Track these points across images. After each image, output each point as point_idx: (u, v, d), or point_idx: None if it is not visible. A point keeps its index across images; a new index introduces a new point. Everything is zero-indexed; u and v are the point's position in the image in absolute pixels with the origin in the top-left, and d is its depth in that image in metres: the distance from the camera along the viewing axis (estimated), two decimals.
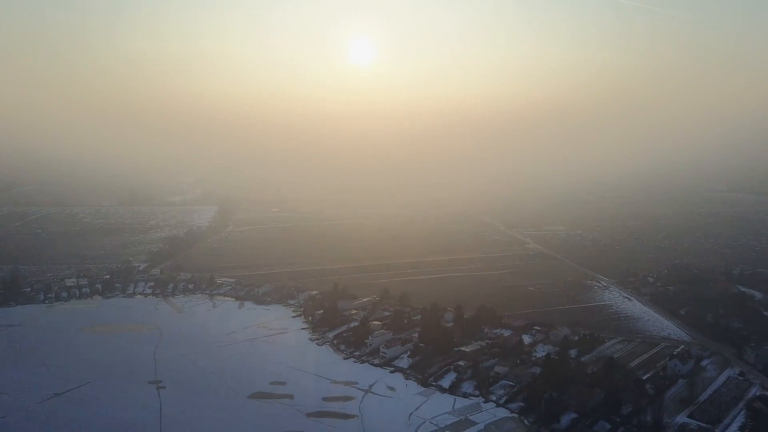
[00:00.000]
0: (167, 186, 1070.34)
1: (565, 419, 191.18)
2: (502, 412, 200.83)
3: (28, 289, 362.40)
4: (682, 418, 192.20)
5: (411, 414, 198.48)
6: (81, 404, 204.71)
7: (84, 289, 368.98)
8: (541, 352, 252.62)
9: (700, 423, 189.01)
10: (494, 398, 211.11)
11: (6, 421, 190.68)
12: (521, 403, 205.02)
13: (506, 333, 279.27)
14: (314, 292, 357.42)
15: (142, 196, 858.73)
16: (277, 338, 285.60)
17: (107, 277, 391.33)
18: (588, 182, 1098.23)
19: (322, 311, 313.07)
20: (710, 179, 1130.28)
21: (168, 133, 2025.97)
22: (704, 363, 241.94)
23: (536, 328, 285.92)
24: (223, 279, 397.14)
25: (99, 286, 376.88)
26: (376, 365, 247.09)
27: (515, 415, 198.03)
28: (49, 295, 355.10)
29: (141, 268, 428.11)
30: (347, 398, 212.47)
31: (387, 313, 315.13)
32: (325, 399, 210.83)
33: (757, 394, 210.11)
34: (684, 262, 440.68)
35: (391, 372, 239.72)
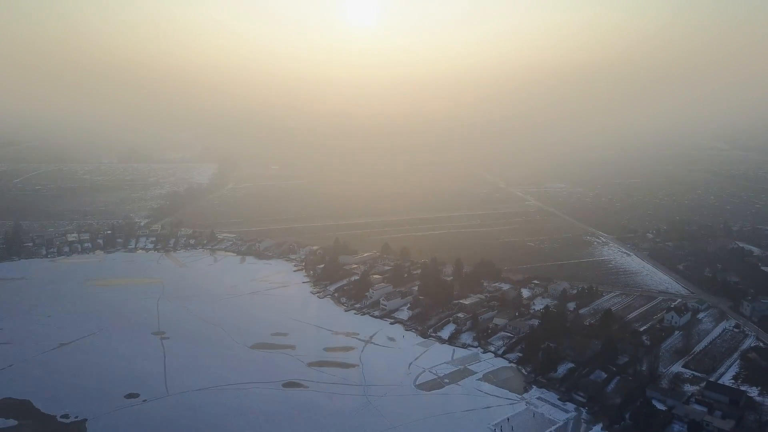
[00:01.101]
0: (166, 143, 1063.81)
1: (562, 368, 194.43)
2: (500, 362, 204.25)
3: (30, 244, 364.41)
4: (677, 368, 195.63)
5: (411, 363, 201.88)
6: (86, 354, 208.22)
7: (86, 244, 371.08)
8: (539, 305, 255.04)
9: (694, 372, 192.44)
10: (492, 349, 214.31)
11: (14, 369, 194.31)
12: (519, 354, 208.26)
13: (505, 287, 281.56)
14: (315, 247, 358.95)
15: (141, 154, 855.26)
16: (278, 292, 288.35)
17: (108, 232, 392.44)
18: (594, 142, 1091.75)
19: (322, 265, 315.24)
20: (713, 137, 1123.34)
21: (166, 92, 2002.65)
22: (701, 316, 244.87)
23: (535, 282, 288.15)
24: (224, 234, 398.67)
25: (100, 241, 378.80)
26: (376, 317, 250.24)
27: (513, 365, 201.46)
28: (51, 250, 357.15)
29: (142, 224, 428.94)
30: (348, 348, 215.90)
31: (387, 268, 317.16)
32: (326, 349, 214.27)
33: (752, 345, 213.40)
34: (684, 219, 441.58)
35: (391, 323, 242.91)
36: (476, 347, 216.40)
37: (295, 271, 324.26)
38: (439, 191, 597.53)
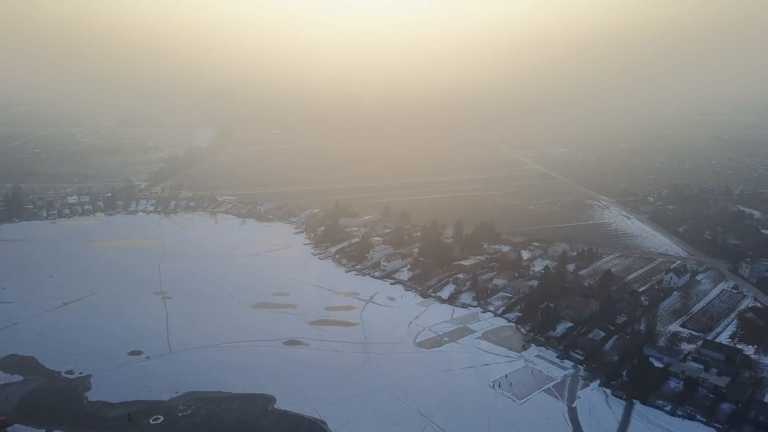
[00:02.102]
0: (165, 107, 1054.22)
1: (561, 328, 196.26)
2: (500, 322, 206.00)
3: (31, 206, 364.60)
4: (674, 327, 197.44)
5: (411, 322, 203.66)
6: (89, 312, 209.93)
7: (86, 207, 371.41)
8: (539, 266, 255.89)
9: (692, 331, 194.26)
10: (492, 308, 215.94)
11: (18, 327, 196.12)
12: (518, 313, 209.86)
13: (505, 249, 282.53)
14: (316, 210, 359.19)
15: (140, 117, 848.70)
16: (279, 253, 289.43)
17: (109, 195, 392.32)
18: (597, 108, 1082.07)
19: (323, 228, 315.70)
20: (716, 103, 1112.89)
21: (165, 55, 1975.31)
22: (699, 277, 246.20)
23: (535, 243, 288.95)
24: (224, 197, 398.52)
25: (101, 203, 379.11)
26: (376, 278, 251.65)
27: (512, 324, 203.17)
28: (52, 212, 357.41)
29: (142, 187, 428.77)
30: (349, 308, 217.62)
31: (387, 231, 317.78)
32: (327, 308, 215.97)
33: (750, 305, 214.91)
34: (685, 182, 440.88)
35: (392, 284, 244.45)
36: (476, 307, 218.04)
37: (295, 233, 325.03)
38: (440, 156, 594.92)
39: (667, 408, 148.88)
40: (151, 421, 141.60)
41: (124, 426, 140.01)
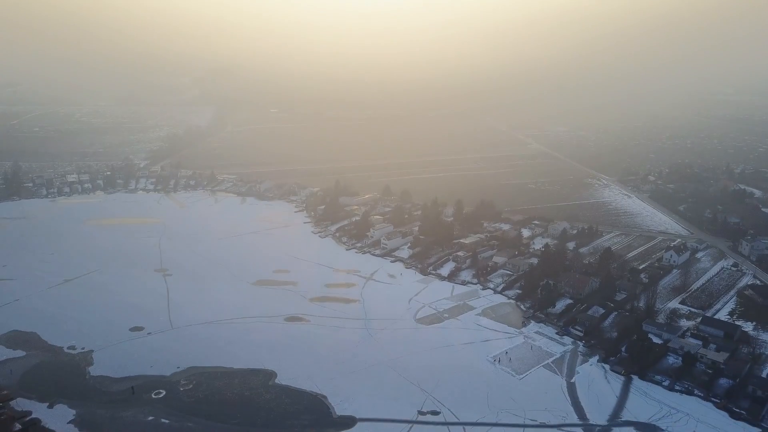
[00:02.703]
0: (164, 86, 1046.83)
1: (560, 304, 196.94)
2: (499, 299, 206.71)
3: (30, 185, 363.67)
4: (674, 304, 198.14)
5: (411, 299, 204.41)
6: (91, 289, 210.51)
7: (86, 185, 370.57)
8: (539, 244, 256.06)
9: (691, 308, 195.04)
10: (492, 286, 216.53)
11: (19, 304, 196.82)
12: (518, 291, 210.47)
13: (505, 227, 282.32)
14: (316, 189, 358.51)
15: (139, 97, 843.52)
16: (279, 231, 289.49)
17: (108, 173, 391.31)
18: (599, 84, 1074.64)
19: (323, 206, 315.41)
20: (718, 83, 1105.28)
21: (163, 35, 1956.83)
22: (699, 255, 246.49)
23: (535, 222, 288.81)
24: (224, 176, 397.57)
25: (100, 182, 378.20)
26: (377, 256, 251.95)
27: (512, 301, 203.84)
28: (52, 190, 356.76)
29: (142, 165, 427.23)
30: (349, 285, 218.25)
31: (388, 209, 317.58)
32: (327, 285, 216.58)
33: (749, 283, 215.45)
34: (686, 161, 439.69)
35: (392, 262, 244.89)
36: (475, 284, 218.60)
37: (296, 211, 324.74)
38: (440, 135, 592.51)
39: (666, 383, 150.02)
40: (153, 396, 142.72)
41: (126, 400, 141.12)
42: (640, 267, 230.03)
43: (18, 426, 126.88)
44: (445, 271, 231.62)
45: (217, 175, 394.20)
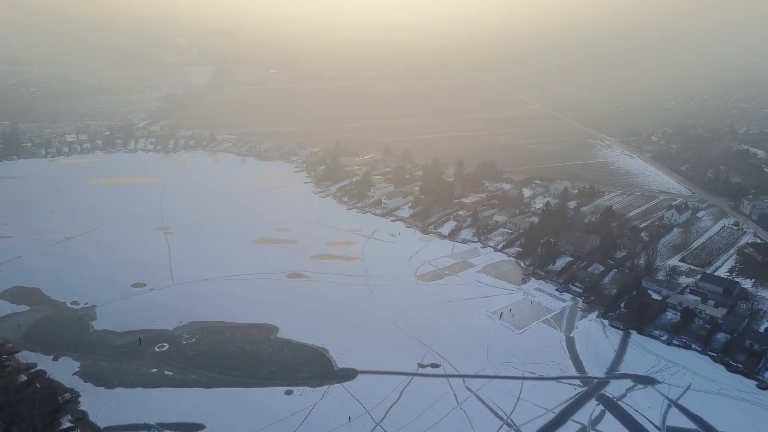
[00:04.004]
0: (162, 47, 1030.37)
1: (560, 262, 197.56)
2: (500, 256, 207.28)
3: (29, 144, 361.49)
4: (674, 262, 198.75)
5: (411, 257, 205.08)
6: (92, 246, 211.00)
7: (85, 145, 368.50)
8: (540, 203, 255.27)
9: (690, 266, 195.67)
10: (492, 244, 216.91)
11: (22, 260, 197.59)
12: (518, 249, 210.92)
13: (507, 186, 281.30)
14: (316, 149, 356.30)
15: (137, 57, 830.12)
16: (280, 191, 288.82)
17: (107, 133, 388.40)
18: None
19: (324, 167, 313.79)
20: (724, 44, 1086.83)
21: None
22: (700, 214, 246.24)
23: (536, 181, 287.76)
24: (223, 136, 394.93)
25: (99, 142, 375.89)
26: (377, 215, 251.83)
27: (512, 259, 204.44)
28: (51, 150, 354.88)
29: (141, 126, 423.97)
30: (350, 243, 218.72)
31: (388, 169, 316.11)
32: (328, 243, 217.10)
33: (749, 241, 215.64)
34: (689, 122, 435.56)
35: (393, 221, 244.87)
36: (476, 243, 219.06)
37: (296, 172, 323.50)
38: (442, 96, 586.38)
39: (664, 338, 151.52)
40: (156, 349, 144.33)
41: (130, 353, 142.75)
42: (641, 226, 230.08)
43: (23, 377, 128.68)
44: (445, 230, 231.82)
45: (216, 135, 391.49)
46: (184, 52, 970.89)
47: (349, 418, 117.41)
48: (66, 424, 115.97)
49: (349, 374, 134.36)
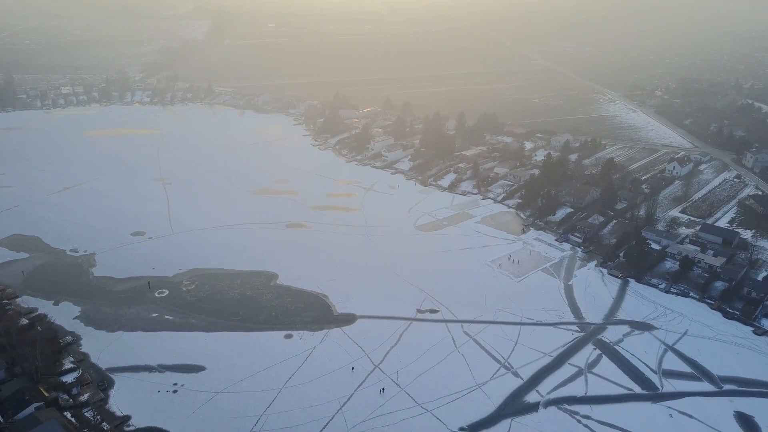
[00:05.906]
0: None
1: (560, 213, 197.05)
2: (499, 208, 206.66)
3: (24, 96, 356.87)
4: (674, 213, 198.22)
5: (411, 208, 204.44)
6: (90, 196, 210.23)
7: (81, 97, 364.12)
8: (541, 156, 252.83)
9: (691, 217, 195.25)
10: (492, 196, 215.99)
11: (20, 210, 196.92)
12: (518, 200, 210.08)
13: (508, 139, 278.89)
14: (315, 102, 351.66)
15: (132, 9, 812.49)
16: (278, 143, 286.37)
17: (103, 85, 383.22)
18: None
19: (322, 119, 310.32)
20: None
21: None
22: (703, 167, 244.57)
23: (538, 135, 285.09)
24: (221, 89, 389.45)
25: (96, 94, 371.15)
26: (377, 168, 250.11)
27: (512, 210, 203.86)
28: (46, 102, 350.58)
29: (137, 78, 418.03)
30: (350, 194, 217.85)
31: (388, 122, 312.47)
32: (328, 195, 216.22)
33: (751, 193, 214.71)
34: (694, 77, 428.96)
35: (392, 174, 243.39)
36: (476, 194, 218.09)
37: (294, 124, 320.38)
38: (443, 50, 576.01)
39: (662, 286, 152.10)
40: (156, 294, 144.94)
41: (131, 298, 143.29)
42: (642, 178, 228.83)
43: (25, 320, 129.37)
44: (445, 182, 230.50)
45: (214, 88, 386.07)
46: (180, 5, 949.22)
47: (353, 368, 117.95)
48: (68, 365, 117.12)
49: (348, 319, 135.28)
